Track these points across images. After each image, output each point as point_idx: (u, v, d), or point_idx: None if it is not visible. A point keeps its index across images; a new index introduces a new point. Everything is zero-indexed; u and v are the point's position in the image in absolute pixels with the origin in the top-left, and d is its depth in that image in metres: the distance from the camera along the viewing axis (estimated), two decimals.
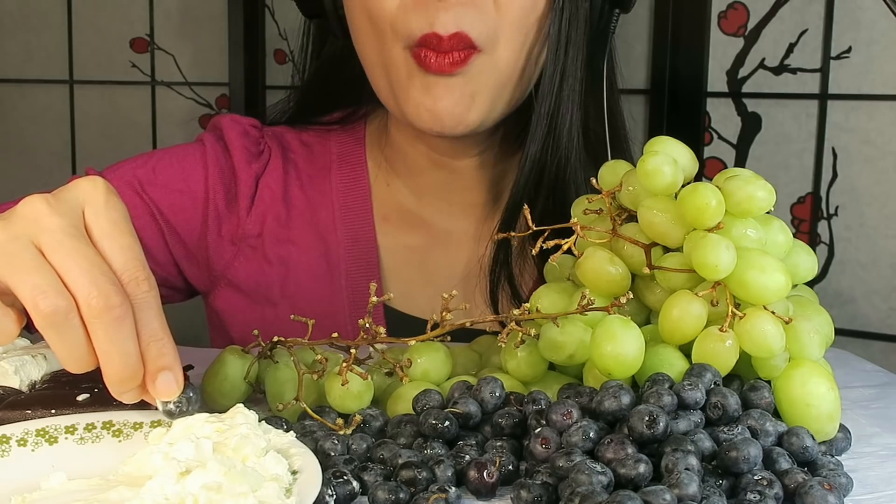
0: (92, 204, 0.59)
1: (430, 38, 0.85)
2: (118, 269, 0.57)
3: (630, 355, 0.64)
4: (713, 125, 1.28)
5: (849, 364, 0.87)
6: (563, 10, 0.88)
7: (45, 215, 0.57)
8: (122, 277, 0.57)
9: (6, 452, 0.59)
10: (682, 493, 0.52)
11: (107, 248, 0.58)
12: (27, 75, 1.62)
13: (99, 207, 0.59)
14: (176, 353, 0.59)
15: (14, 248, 0.56)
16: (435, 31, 0.85)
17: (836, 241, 1.23)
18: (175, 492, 0.50)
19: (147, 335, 0.58)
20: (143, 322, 0.57)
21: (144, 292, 0.58)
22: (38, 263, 0.56)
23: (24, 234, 0.57)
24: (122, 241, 0.58)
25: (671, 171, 0.68)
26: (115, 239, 0.58)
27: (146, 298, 0.58)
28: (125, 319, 0.56)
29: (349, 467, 0.58)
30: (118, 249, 0.58)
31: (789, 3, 1.22)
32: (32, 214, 0.57)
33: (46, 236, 0.56)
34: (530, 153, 0.91)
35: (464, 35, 0.85)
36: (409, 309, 0.98)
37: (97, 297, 0.55)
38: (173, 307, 1.59)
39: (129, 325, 0.56)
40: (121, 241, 0.58)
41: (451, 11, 0.85)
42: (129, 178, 0.97)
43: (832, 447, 0.64)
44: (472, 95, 0.87)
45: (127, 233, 0.59)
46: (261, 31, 1.49)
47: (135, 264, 0.58)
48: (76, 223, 0.58)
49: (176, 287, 1.03)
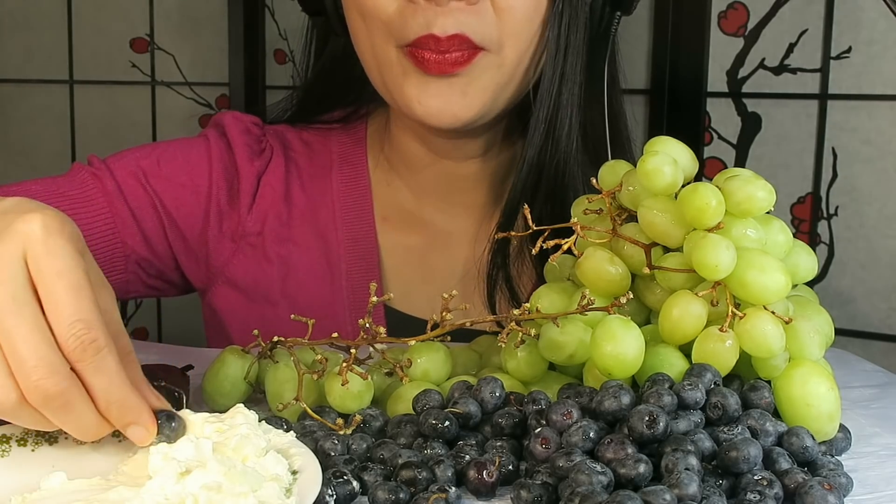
0: (32, 254, 0.55)
1: (426, 39, 0.84)
2: (62, 337, 0.54)
3: (630, 355, 0.64)
4: (713, 125, 1.28)
5: (849, 364, 0.87)
6: (563, 14, 0.88)
7: None
8: (68, 346, 0.54)
9: (6, 452, 0.59)
10: (682, 493, 0.52)
11: (51, 308, 0.55)
12: (27, 75, 1.62)
13: (40, 258, 0.55)
14: (138, 401, 0.57)
15: None
16: (432, 33, 0.84)
17: (836, 241, 1.23)
18: (175, 492, 0.50)
19: (104, 402, 0.56)
20: (98, 388, 0.55)
21: (93, 356, 0.55)
22: None
23: None
24: (65, 297, 0.55)
25: (671, 171, 0.68)
26: (58, 295, 0.55)
27: (96, 362, 0.55)
28: (69, 403, 0.55)
29: (349, 467, 0.58)
30: (63, 306, 0.54)
31: (789, 3, 1.22)
32: None
33: None
34: (528, 156, 0.91)
35: (464, 37, 0.84)
36: (409, 309, 0.98)
37: (34, 390, 0.54)
38: (174, 307, 1.60)
39: (77, 403, 0.55)
40: (65, 297, 0.55)
41: (451, 17, 0.84)
42: (132, 168, 0.97)
43: (832, 447, 0.64)
44: (470, 92, 0.87)
45: (71, 284, 0.55)
46: (261, 31, 1.49)
47: (80, 326, 0.54)
48: (20, 286, 0.55)
49: (171, 281, 1.02)
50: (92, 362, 0.55)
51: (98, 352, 0.55)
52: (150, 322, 1.64)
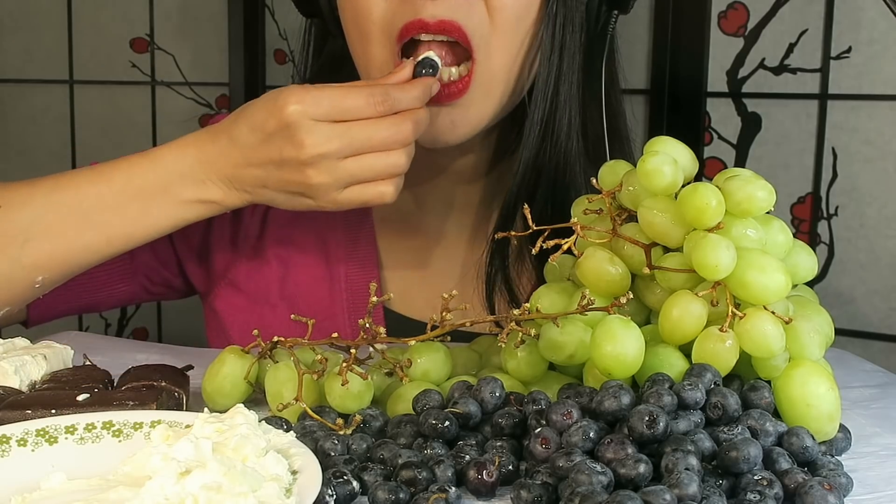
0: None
1: (413, 24, 0.84)
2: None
3: (630, 355, 0.64)
4: (713, 125, 1.28)
5: (849, 364, 0.87)
6: (557, 14, 0.88)
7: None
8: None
9: (6, 452, 0.59)
10: (682, 493, 0.52)
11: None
12: (27, 75, 1.62)
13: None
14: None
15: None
16: (420, 18, 0.83)
17: (836, 241, 1.23)
18: (175, 492, 0.50)
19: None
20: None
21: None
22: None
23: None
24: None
25: (671, 171, 0.68)
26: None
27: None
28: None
29: (349, 467, 0.58)
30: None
31: (789, 3, 1.22)
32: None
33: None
34: (524, 157, 0.91)
35: (454, 24, 0.84)
36: (407, 311, 0.97)
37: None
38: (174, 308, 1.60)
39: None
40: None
41: (441, 5, 0.83)
42: None
43: (832, 447, 0.64)
44: (460, 124, 0.87)
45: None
46: (261, 31, 1.49)
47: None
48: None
49: (174, 287, 1.03)
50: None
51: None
52: (150, 322, 1.64)
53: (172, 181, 0.83)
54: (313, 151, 0.79)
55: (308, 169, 0.80)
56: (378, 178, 0.82)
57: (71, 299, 0.95)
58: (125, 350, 0.89)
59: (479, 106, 0.88)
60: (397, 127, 0.81)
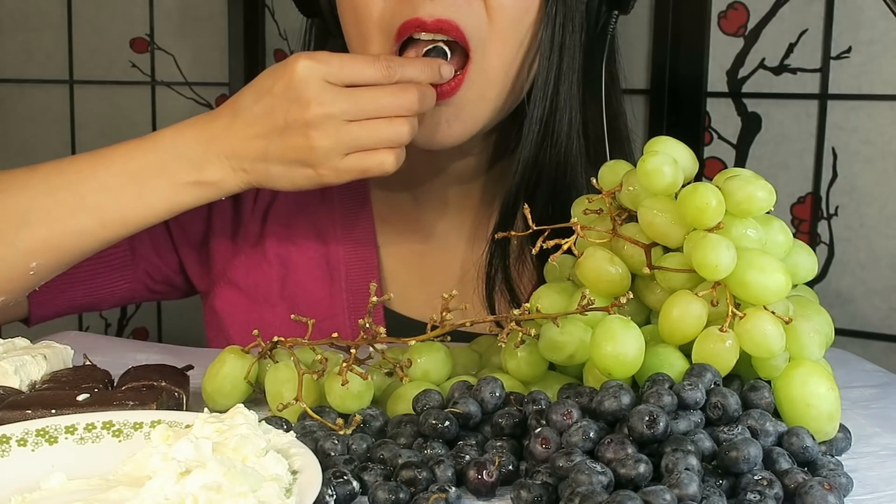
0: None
1: (411, 23, 0.84)
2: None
3: (630, 355, 0.64)
4: (713, 125, 1.28)
5: (849, 364, 0.87)
6: (556, 14, 0.87)
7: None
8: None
9: (6, 452, 0.59)
10: (682, 493, 0.52)
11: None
12: (27, 75, 1.62)
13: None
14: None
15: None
16: (418, 16, 0.84)
17: (836, 241, 1.23)
18: (175, 492, 0.50)
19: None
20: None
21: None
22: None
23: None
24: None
25: (671, 171, 0.68)
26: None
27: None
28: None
29: (349, 467, 0.58)
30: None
31: (789, 3, 1.22)
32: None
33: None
34: (523, 158, 0.90)
35: (452, 23, 0.84)
36: (407, 311, 0.98)
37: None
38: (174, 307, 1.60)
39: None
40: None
41: (439, 4, 0.83)
42: None
43: (832, 447, 0.64)
44: (455, 124, 0.87)
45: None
46: (261, 31, 1.49)
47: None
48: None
49: (175, 286, 1.03)
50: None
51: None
52: (150, 322, 1.64)
53: (169, 162, 0.83)
54: (319, 111, 0.79)
55: (312, 131, 0.80)
56: (380, 147, 0.82)
57: (73, 296, 0.95)
58: (125, 350, 0.89)
59: (473, 106, 0.88)
60: (403, 93, 0.81)
